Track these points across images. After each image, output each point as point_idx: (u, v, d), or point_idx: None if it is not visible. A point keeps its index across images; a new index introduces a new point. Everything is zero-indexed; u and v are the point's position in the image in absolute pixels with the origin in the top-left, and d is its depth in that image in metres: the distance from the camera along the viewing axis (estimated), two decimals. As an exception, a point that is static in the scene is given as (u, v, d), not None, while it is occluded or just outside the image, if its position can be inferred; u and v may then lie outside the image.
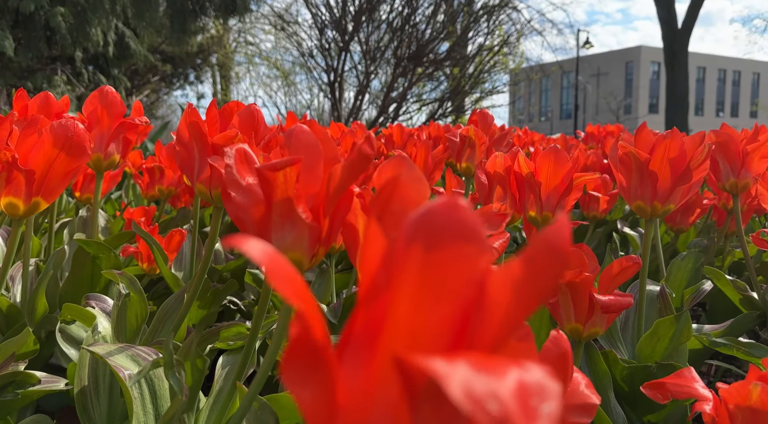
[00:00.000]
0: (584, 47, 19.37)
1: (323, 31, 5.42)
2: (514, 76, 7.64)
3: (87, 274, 0.63)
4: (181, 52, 7.77)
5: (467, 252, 0.13)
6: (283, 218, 0.32)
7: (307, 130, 0.34)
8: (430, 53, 5.38)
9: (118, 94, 0.69)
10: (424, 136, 1.35)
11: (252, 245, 0.13)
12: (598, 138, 2.15)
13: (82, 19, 4.36)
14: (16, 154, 0.46)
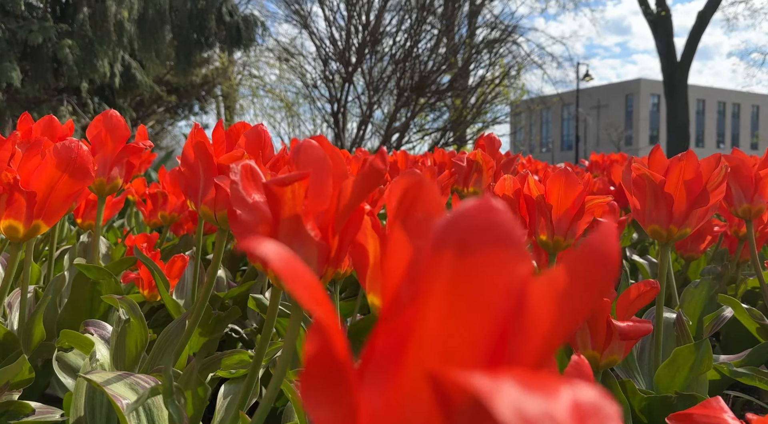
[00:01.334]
0: (584, 80, 19.64)
1: (327, 62, 5.51)
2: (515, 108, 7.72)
3: (86, 300, 0.62)
4: (186, 84, 7.88)
5: (504, 258, 0.12)
6: (291, 236, 0.30)
7: (316, 144, 0.33)
8: (432, 84, 5.45)
9: (122, 117, 0.69)
10: (429, 163, 1.35)
11: (267, 247, 0.12)
12: (602, 166, 2.14)
13: (89, 51, 4.44)
14: (17, 176, 0.45)
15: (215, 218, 0.48)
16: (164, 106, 8.85)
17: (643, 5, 13.69)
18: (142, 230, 1.51)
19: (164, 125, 10.92)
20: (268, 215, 0.32)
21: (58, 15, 4.74)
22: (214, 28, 4.81)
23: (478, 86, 5.62)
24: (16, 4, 4.35)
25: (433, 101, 5.62)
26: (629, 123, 29.60)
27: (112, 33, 4.44)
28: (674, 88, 13.31)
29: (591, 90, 28.41)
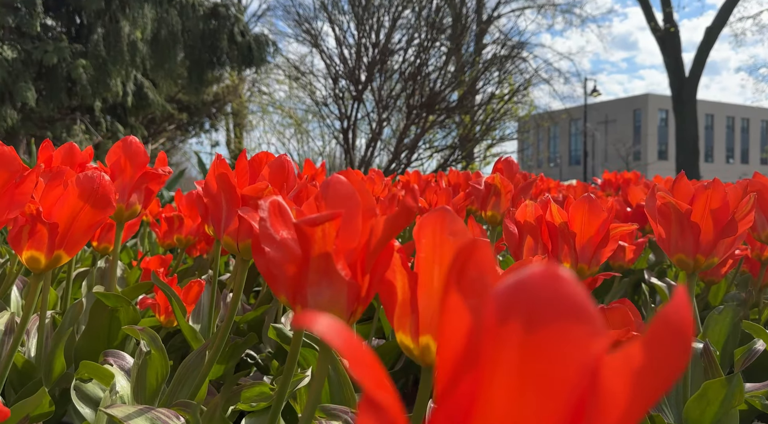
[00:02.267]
0: (592, 95, 19.68)
1: (337, 80, 5.55)
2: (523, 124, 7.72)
3: (104, 327, 0.61)
4: (197, 102, 7.97)
5: (577, 333, 0.12)
6: (321, 275, 0.30)
7: (345, 181, 0.32)
8: (441, 102, 5.47)
9: (141, 144, 0.69)
10: (444, 184, 1.35)
11: (324, 324, 0.12)
12: (615, 185, 2.13)
13: (103, 71, 4.51)
14: (40, 207, 0.45)
15: (237, 248, 0.48)
16: (175, 124, 8.95)
17: (652, 22, 13.74)
18: (155, 250, 1.51)
19: (175, 142, 11.02)
20: (297, 253, 0.32)
21: (73, 35, 4.83)
22: (226, 47, 4.88)
23: (487, 103, 5.63)
24: (32, 26, 4.44)
25: (442, 118, 5.64)
26: (637, 138, 29.55)
27: (125, 53, 4.51)
28: (683, 103, 13.30)
29: (599, 105, 28.44)
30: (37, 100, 4.25)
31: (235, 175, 0.48)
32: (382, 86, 5.50)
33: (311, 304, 0.30)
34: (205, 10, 4.82)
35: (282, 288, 0.32)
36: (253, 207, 0.48)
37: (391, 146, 6.26)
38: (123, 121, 5.24)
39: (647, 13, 13.82)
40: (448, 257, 0.32)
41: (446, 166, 5.86)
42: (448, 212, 0.32)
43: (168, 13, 4.59)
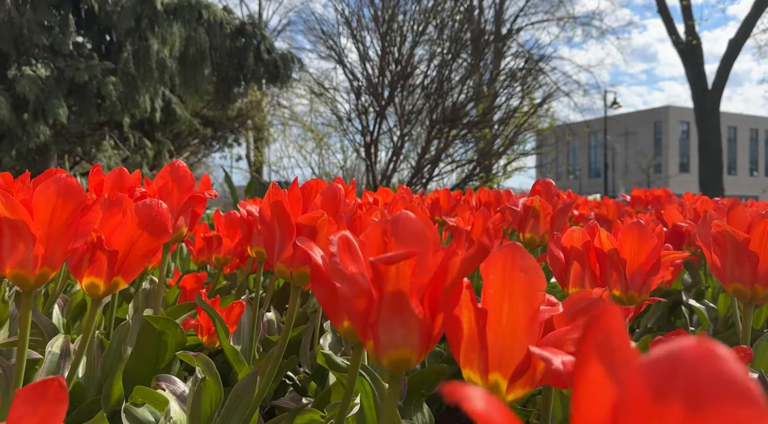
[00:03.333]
0: (612, 107, 19.52)
1: (359, 96, 5.60)
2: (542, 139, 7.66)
3: (152, 350, 0.62)
4: (222, 117, 8.11)
5: (743, 415, 0.11)
6: (393, 313, 0.30)
7: (414, 217, 0.33)
8: (464, 117, 5.47)
9: (188, 168, 0.70)
10: (474, 202, 1.34)
11: (480, 402, 0.12)
12: (645, 201, 2.10)
13: (132, 88, 4.61)
14: (102, 236, 0.46)
15: (291, 276, 0.48)
16: (200, 138, 9.10)
17: (673, 35, 13.61)
18: (185, 267, 1.53)
19: (198, 156, 11.20)
20: (366, 288, 0.32)
21: (103, 53, 4.96)
22: (252, 65, 4.96)
23: (510, 117, 5.62)
24: (64, 44, 4.57)
25: (464, 133, 5.63)
26: (658, 150, 29.17)
27: (154, 70, 4.61)
28: (705, 115, 13.11)
29: (619, 117, 28.16)
30: (68, 117, 4.36)
31: (289, 202, 0.48)
32: (405, 101, 5.52)
33: (383, 341, 0.30)
34: (233, 28, 4.91)
35: (352, 322, 0.32)
36: (308, 235, 0.48)
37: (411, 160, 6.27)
38: (150, 137, 5.34)
39: (669, 27, 13.70)
40: (519, 294, 0.32)
41: (468, 181, 5.84)
42: (518, 248, 0.32)
43: (196, 32, 4.69)
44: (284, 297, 1.20)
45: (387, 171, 5.91)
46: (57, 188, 0.41)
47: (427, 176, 5.82)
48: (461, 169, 6.24)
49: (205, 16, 4.68)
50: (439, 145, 5.75)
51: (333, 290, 0.40)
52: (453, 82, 5.62)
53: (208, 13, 4.71)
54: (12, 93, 4.20)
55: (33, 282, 0.41)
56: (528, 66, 5.46)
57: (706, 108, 13.02)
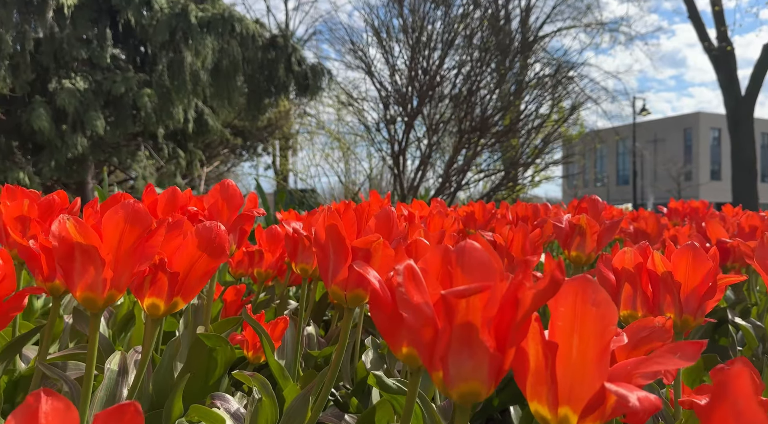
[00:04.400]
0: (641, 114, 19.19)
1: (388, 106, 5.62)
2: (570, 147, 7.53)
3: (203, 366, 0.64)
4: (251, 127, 8.25)
5: None
6: (463, 345, 0.30)
7: (480, 247, 0.33)
8: (493, 126, 5.45)
9: (237, 188, 0.72)
10: (510, 216, 1.33)
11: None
12: (682, 214, 2.05)
13: (166, 100, 4.73)
14: (165, 258, 0.47)
15: (345, 298, 0.49)
16: (230, 148, 9.26)
17: (705, 41, 13.33)
18: (221, 278, 1.56)
19: (227, 165, 11.37)
20: (433, 318, 0.32)
21: (138, 65, 5.10)
22: (283, 76, 5.03)
23: (540, 126, 5.57)
24: (102, 58, 4.71)
25: (493, 142, 5.60)
26: (688, 158, 28.49)
27: (187, 82, 4.72)
28: (738, 122, 12.77)
29: (647, 124, 27.59)
30: (105, 128, 4.49)
31: (343, 225, 0.49)
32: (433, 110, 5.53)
33: (453, 374, 0.30)
34: (264, 40, 5.00)
35: (418, 352, 0.32)
36: (363, 258, 0.49)
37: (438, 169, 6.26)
38: (183, 147, 5.46)
39: (700, 33, 13.42)
40: (590, 328, 0.32)
41: (497, 191, 5.80)
42: (590, 281, 0.32)
43: (229, 44, 4.79)
44: (320, 310, 1.21)
45: (414, 180, 5.91)
46: (125, 214, 0.42)
47: (455, 185, 5.80)
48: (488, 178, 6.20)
49: (238, 29, 4.78)
50: (467, 154, 5.73)
51: (392, 315, 0.40)
52: (482, 91, 5.60)
53: (241, 26, 4.80)
54: (52, 105, 4.34)
55: (101, 304, 0.43)
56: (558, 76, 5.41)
57: (740, 114, 12.69)
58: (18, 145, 4.57)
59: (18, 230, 0.62)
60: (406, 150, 5.70)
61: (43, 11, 4.36)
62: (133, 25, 4.70)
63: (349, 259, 0.48)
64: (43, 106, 4.25)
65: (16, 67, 4.26)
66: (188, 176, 5.86)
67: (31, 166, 4.44)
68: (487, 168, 6.18)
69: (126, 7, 4.61)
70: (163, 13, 4.63)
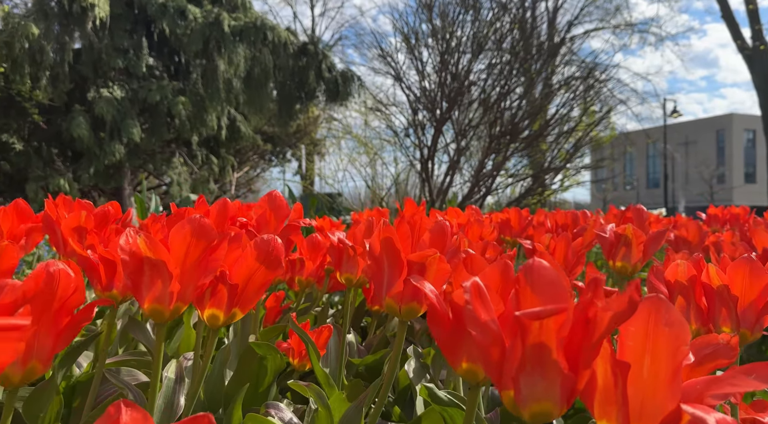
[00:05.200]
0: (672, 116, 18.79)
1: (416, 111, 5.63)
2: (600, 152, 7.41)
3: (253, 374, 0.65)
4: (281, 133, 8.36)
5: None
6: (535, 365, 0.30)
7: (548, 266, 0.33)
8: (523, 130, 5.40)
9: (284, 198, 0.73)
10: (549, 224, 1.32)
11: None
12: (722, 220, 2.00)
13: (200, 107, 4.83)
14: (226, 270, 0.48)
15: (400, 311, 0.49)
16: (259, 154, 9.40)
17: (738, 40, 12.97)
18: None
19: (257, 170, 11.53)
20: (501, 336, 0.32)
21: (173, 74, 5.22)
22: (314, 83, 5.09)
23: (571, 131, 5.50)
24: (138, 67, 4.84)
25: (524, 146, 5.55)
26: (721, 160, 27.69)
27: (221, 90, 4.81)
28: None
29: (678, 126, 26.91)
30: (141, 135, 4.61)
31: (398, 238, 0.49)
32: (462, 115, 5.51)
33: (524, 394, 0.31)
34: (295, 48, 5.07)
35: (486, 370, 0.33)
36: (418, 271, 0.49)
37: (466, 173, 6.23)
38: (216, 153, 5.56)
39: (733, 32, 13.06)
40: (663, 348, 0.32)
41: (527, 196, 5.74)
42: (663, 301, 0.32)
43: (261, 52, 4.87)
44: (357, 317, 1.21)
45: (442, 185, 5.90)
46: (192, 228, 0.44)
47: (483, 190, 5.76)
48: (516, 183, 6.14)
49: (270, 37, 4.86)
50: (496, 159, 5.69)
51: (452, 331, 0.41)
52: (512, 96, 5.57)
53: (273, 34, 4.88)
54: (91, 114, 4.48)
55: (167, 316, 0.44)
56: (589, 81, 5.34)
57: (775, 116, 12.32)
58: (58, 152, 4.73)
59: (76, 241, 0.64)
60: (435, 155, 5.70)
61: (83, 23, 4.51)
62: (168, 34, 4.82)
63: (404, 272, 0.49)
64: (82, 115, 4.39)
65: (56, 78, 4.41)
66: (219, 181, 5.97)
67: (71, 173, 4.58)
68: (516, 173, 6.13)
69: (161, 17, 4.73)
70: (197, 22, 4.74)
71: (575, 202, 17.66)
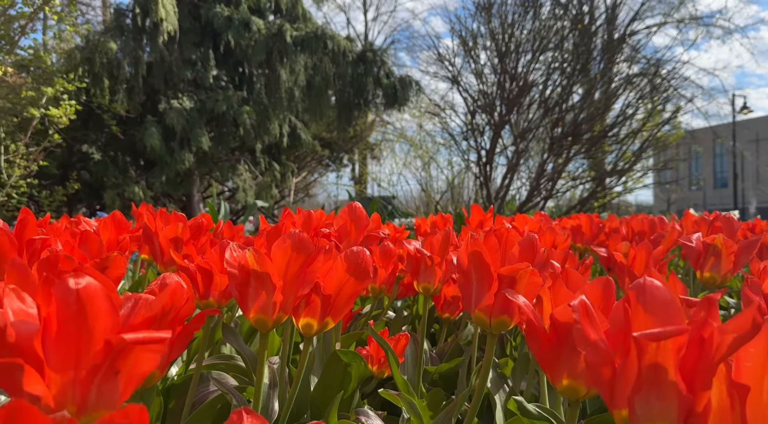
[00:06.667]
0: (742, 112, 17.74)
1: (474, 114, 5.59)
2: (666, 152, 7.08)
3: (338, 380, 0.67)
4: (338, 138, 8.51)
5: None
6: (651, 386, 0.30)
7: (661, 285, 0.33)
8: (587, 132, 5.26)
9: (364, 209, 0.75)
10: (624, 230, 1.28)
11: None
12: (812, 225, 1.87)
13: (264, 116, 4.99)
14: (320, 282, 0.50)
15: (490, 324, 0.49)
16: (317, 159, 9.58)
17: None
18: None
19: (314, 175, 11.75)
20: (611, 356, 0.32)
21: (237, 84, 5.41)
22: (372, 90, 5.16)
23: (638, 131, 5.30)
24: (205, 78, 5.06)
25: (587, 148, 5.40)
26: (795, 157, 25.76)
27: (283, 99, 4.95)
28: None
29: (747, 122, 25.24)
30: (208, 144, 4.80)
31: (487, 251, 0.50)
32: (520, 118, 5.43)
33: (639, 413, 0.30)
34: (354, 56, 5.15)
35: (598, 389, 0.33)
36: (508, 285, 0.49)
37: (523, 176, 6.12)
38: (277, 159, 5.73)
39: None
40: (787, 371, 0.31)
41: (590, 199, 5.58)
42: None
43: (322, 61, 4.98)
44: (427, 324, 1.22)
45: (501, 189, 5.82)
46: (292, 242, 0.46)
47: (544, 194, 5.64)
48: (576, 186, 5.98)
49: (330, 46, 4.96)
50: (556, 161, 5.56)
51: (551, 346, 0.41)
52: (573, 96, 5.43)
53: (333, 43, 4.97)
54: (162, 124, 4.71)
55: (271, 325, 0.47)
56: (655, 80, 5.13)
57: None
58: (130, 161, 5.00)
59: (175, 251, 0.68)
60: (494, 158, 5.63)
61: (155, 37, 4.76)
62: (233, 46, 5.01)
63: (494, 285, 0.49)
64: (154, 126, 4.63)
65: (131, 90, 4.67)
66: (280, 187, 6.14)
67: (144, 180, 4.84)
68: (578, 175, 5.97)
69: (226, 29, 4.92)
70: (260, 33, 4.90)
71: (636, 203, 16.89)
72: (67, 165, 4.79)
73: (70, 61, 4.31)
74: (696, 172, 28.94)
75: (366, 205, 3.58)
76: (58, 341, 0.28)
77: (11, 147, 3.69)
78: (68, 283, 0.28)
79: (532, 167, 6.41)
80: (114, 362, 0.28)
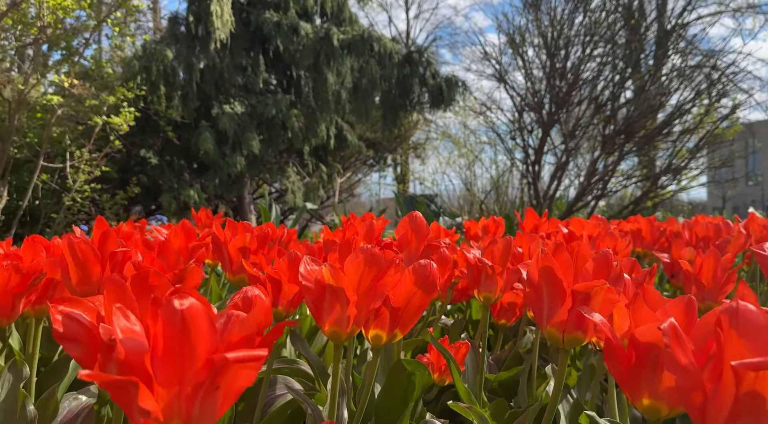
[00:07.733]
0: (801, 102, 16.74)
1: (522, 112, 5.50)
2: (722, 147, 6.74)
3: (401, 389, 0.67)
4: (383, 139, 8.55)
5: None
6: (749, 415, 0.29)
7: (755, 309, 0.32)
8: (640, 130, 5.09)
9: (423, 218, 0.75)
10: (687, 235, 1.24)
11: None
12: None
13: (312, 119, 5.06)
14: (389, 295, 0.51)
15: (563, 340, 0.49)
16: (360, 160, 9.66)
17: None
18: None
19: (358, 175, 11.82)
20: (702, 381, 0.32)
21: (285, 88, 5.51)
22: (418, 90, 5.15)
23: (696, 128, 5.09)
24: (255, 83, 5.17)
25: (641, 146, 5.22)
26: None
27: (330, 102, 5.01)
28: None
29: (810, 113, 23.66)
30: (259, 147, 4.92)
31: (559, 267, 0.49)
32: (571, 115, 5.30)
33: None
34: (400, 57, 5.16)
35: (689, 412, 0.32)
36: (582, 301, 0.49)
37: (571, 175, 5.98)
38: (324, 161, 5.80)
39: None
40: None
41: (644, 199, 5.39)
42: None
43: (368, 64, 5.01)
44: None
45: (549, 188, 5.70)
46: (365, 258, 0.47)
47: (595, 193, 5.49)
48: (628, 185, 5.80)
49: (376, 48, 4.98)
50: (606, 160, 5.41)
51: (631, 367, 0.40)
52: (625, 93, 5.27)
53: (379, 45, 5.00)
54: (215, 129, 4.85)
55: (345, 338, 0.48)
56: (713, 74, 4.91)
57: None
58: (185, 164, 5.17)
59: (246, 260, 0.70)
60: (542, 158, 5.53)
61: (207, 44, 4.90)
62: (282, 51, 5.10)
63: (567, 301, 0.49)
64: (207, 130, 4.77)
65: (186, 96, 4.83)
66: (327, 188, 6.22)
67: (198, 184, 5.00)
68: (631, 174, 5.79)
69: (275, 34, 5.02)
70: (308, 38, 4.98)
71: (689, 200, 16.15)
72: (126, 169, 5.00)
73: (129, 70, 4.50)
74: (754, 167, 27.44)
75: (412, 204, 3.57)
76: (164, 358, 0.29)
77: (76, 153, 3.88)
78: (173, 304, 0.29)
79: (581, 166, 6.26)
80: (215, 378, 0.30)
